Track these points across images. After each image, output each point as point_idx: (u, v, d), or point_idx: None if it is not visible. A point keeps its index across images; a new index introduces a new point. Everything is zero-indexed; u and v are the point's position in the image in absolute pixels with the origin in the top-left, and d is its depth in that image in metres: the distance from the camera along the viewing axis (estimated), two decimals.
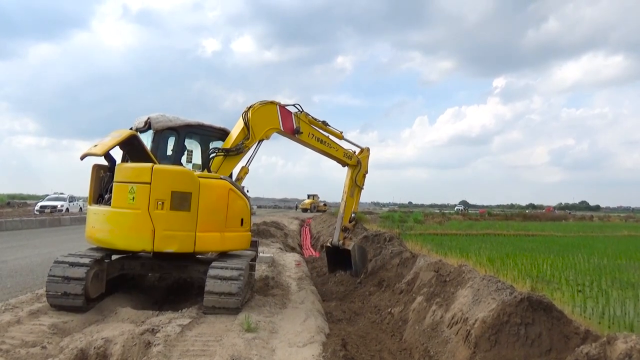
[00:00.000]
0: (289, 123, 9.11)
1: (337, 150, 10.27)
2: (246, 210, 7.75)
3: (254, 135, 8.38)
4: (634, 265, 15.43)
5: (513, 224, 45.16)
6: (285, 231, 24.41)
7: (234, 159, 8.24)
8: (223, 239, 7.41)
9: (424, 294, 7.49)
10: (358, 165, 10.88)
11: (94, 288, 6.88)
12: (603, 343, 3.81)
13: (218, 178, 7.53)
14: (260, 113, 8.57)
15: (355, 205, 11.43)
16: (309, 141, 9.53)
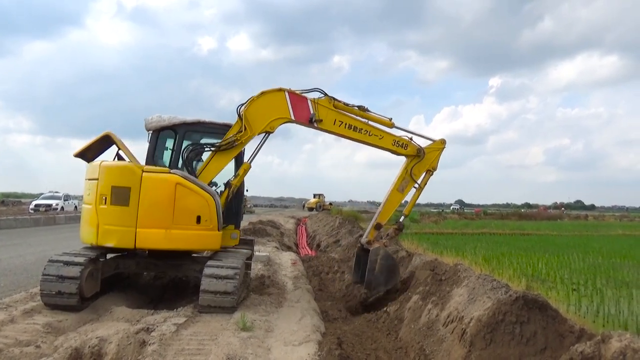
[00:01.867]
0: (303, 111, 7.93)
1: (382, 138, 8.45)
2: (206, 208, 7.11)
3: (250, 128, 7.68)
4: (628, 264, 15.51)
5: (509, 223, 45.31)
6: (282, 230, 24.40)
7: (225, 155, 7.76)
8: (169, 237, 6.96)
9: (419, 292, 7.50)
10: (420, 156, 8.65)
11: (88, 287, 6.82)
12: (598, 342, 3.82)
13: (166, 172, 7.14)
14: (261, 103, 7.79)
15: (409, 206, 9.40)
16: (337, 130, 8.16)
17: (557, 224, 48.61)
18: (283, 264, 12.51)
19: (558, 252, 18.38)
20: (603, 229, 39.55)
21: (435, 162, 8.83)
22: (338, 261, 13.95)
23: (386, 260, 8.41)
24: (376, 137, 8.39)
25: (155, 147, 7.72)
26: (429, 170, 8.78)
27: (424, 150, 8.65)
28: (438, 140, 8.95)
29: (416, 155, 8.62)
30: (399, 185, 8.68)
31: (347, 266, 12.80)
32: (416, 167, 8.66)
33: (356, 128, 8.25)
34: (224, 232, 7.77)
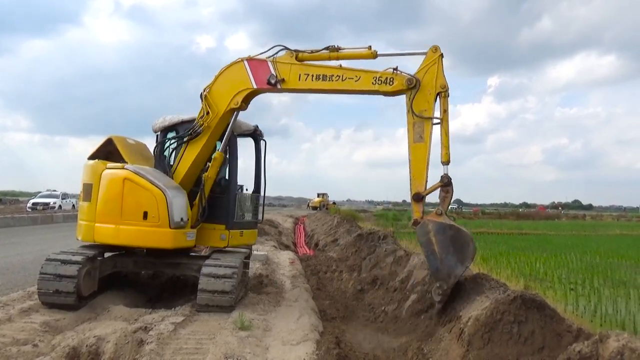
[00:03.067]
0: (264, 74, 7.04)
1: (359, 79, 6.84)
2: (153, 203, 6.81)
3: (215, 107, 7.19)
4: (625, 263, 15.56)
5: (507, 223, 45.44)
6: (280, 229, 24.41)
7: (196, 144, 7.38)
8: (117, 232, 6.95)
9: (417, 292, 7.50)
10: (415, 86, 6.54)
11: (86, 286, 6.81)
12: (595, 341, 3.83)
13: (120, 168, 7.12)
14: (222, 81, 7.28)
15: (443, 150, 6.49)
16: (304, 85, 7.01)
17: (554, 224, 48.72)
18: (281, 263, 12.51)
19: (556, 251, 18.42)
20: (601, 228, 39.65)
21: (439, 79, 6.54)
22: (336, 260, 13.96)
23: (444, 232, 6.17)
24: (351, 81, 6.86)
25: (162, 148, 7.84)
26: (439, 93, 6.52)
27: (415, 77, 6.54)
28: (429, 52, 6.68)
29: (409, 87, 6.55)
30: (413, 134, 6.48)
31: (345, 265, 12.82)
32: (416, 101, 6.51)
33: (325, 77, 6.93)
34: (212, 232, 7.65)
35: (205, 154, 7.54)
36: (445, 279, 6.09)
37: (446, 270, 6.09)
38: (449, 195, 6.44)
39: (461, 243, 6.15)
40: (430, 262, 6.30)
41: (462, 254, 6.07)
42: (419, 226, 6.34)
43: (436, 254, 6.16)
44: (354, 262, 12.76)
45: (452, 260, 6.07)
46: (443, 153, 6.41)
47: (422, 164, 6.47)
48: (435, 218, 6.28)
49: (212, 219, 7.60)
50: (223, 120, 7.33)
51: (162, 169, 7.55)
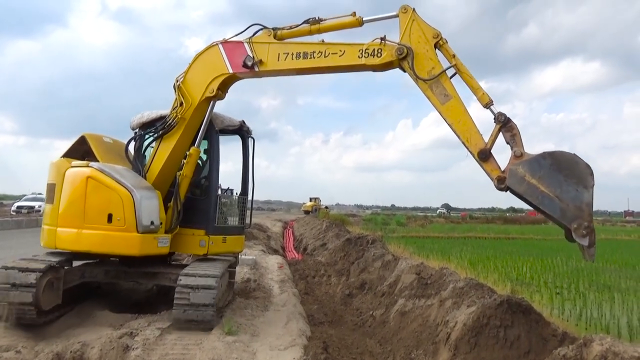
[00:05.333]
0: (239, 58, 6.50)
1: (344, 53, 6.18)
2: (119, 204, 6.19)
3: (189, 97, 6.67)
4: (610, 268, 15.78)
5: (494, 227, 45.79)
6: (268, 233, 24.32)
7: (171, 138, 6.81)
8: (79, 238, 6.27)
9: (405, 296, 7.53)
10: (407, 54, 5.82)
11: (47, 298, 5.93)
12: (580, 345, 3.88)
13: (85, 166, 6.50)
14: (196, 68, 6.77)
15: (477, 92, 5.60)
16: (285, 66, 6.40)
17: (541, 228, 49.17)
18: (269, 268, 12.45)
19: (542, 256, 18.60)
20: None
21: (427, 31, 5.84)
22: (325, 265, 13.94)
23: (540, 166, 5.03)
24: (335, 56, 6.21)
25: (140, 146, 7.20)
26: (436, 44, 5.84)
27: (406, 45, 5.82)
28: (399, 14, 6.04)
29: (400, 57, 5.85)
30: (437, 98, 5.67)
31: (333, 270, 12.81)
32: (418, 65, 5.77)
33: (307, 54, 6.30)
34: (190, 238, 6.99)
35: (180, 150, 6.88)
36: (578, 215, 4.81)
37: (572, 205, 4.87)
38: (517, 132, 5.29)
39: (568, 166, 4.98)
40: (548, 208, 4.98)
41: (577, 177, 4.90)
42: (509, 179, 5.13)
43: (549, 195, 4.97)
44: (342, 266, 12.76)
45: (571, 190, 4.89)
46: (480, 96, 5.48)
47: (465, 119, 5.55)
48: (517, 160, 5.16)
49: (190, 224, 6.98)
50: (198, 111, 6.74)
51: (139, 169, 6.96)
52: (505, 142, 5.32)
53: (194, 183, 7.08)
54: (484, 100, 5.45)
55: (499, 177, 5.23)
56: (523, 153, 5.15)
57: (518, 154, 5.17)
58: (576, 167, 4.92)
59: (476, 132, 5.46)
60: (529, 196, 5.05)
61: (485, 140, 5.41)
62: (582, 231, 4.75)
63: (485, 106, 5.45)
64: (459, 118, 5.54)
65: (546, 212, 5.05)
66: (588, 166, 4.87)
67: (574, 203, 4.84)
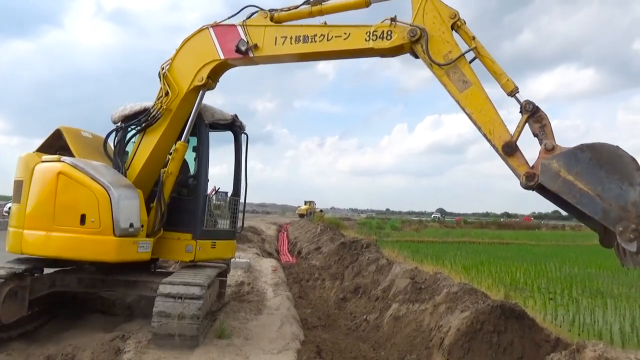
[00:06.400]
0: (232, 42, 5.91)
1: (349, 36, 5.53)
2: (94, 204, 5.52)
3: (175, 86, 6.12)
4: (603, 273, 15.83)
5: (488, 232, 46.00)
6: (263, 236, 24.26)
7: (155, 131, 6.24)
8: (48, 241, 5.57)
9: (399, 301, 7.53)
10: (421, 35, 5.14)
11: (9, 309, 5.27)
12: (572, 351, 3.89)
13: (56, 160, 5.83)
14: (184, 55, 6.23)
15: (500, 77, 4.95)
16: (283, 51, 5.81)
17: (535, 234, 49.40)
18: (263, 271, 12.41)
19: (536, 261, 18.67)
20: (579, 239, 40.31)
21: (443, 11, 5.18)
22: (319, 268, 13.92)
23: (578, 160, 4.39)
24: (339, 40, 5.58)
25: (122, 141, 6.55)
26: (452, 25, 5.16)
27: (419, 27, 5.14)
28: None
29: (413, 40, 5.17)
30: (455, 85, 5.03)
31: (328, 273, 12.79)
32: (433, 48, 5.12)
33: (307, 38, 5.68)
34: (175, 243, 6.36)
35: (165, 145, 6.32)
36: (623, 216, 4.15)
37: (616, 204, 4.20)
38: (547, 122, 4.69)
39: (610, 160, 4.34)
40: (588, 209, 4.29)
41: (620, 173, 4.23)
42: (542, 176, 4.47)
43: (588, 194, 4.31)
44: (336, 270, 12.75)
45: (614, 187, 4.23)
46: (504, 82, 4.86)
47: (487, 108, 4.90)
48: (550, 154, 4.51)
49: (175, 227, 6.35)
50: (186, 101, 6.17)
51: (119, 166, 6.32)
52: (532, 134, 4.69)
53: (180, 182, 6.55)
54: (508, 88, 4.82)
55: (527, 174, 4.56)
56: (555, 146, 4.50)
57: (549, 147, 4.52)
58: (620, 161, 4.25)
59: (500, 123, 4.82)
60: (565, 194, 4.36)
61: (510, 132, 4.77)
62: (629, 235, 4.09)
63: (510, 94, 4.84)
64: (480, 107, 4.90)
65: (584, 213, 4.35)
66: (634, 160, 4.21)
67: (618, 202, 4.17)
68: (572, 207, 4.41)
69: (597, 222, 4.34)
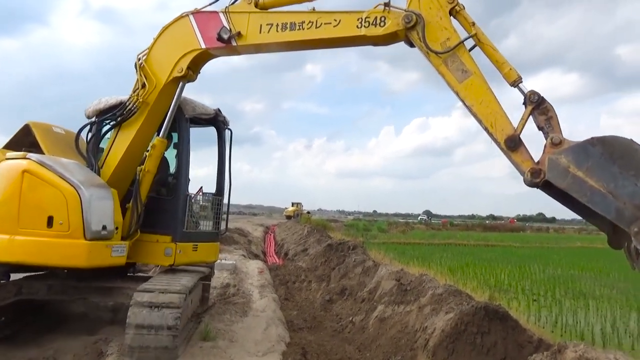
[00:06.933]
0: (214, 30, 5.53)
1: (339, 23, 5.14)
2: (62, 205, 5.14)
3: (153, 78, 5.76)
4: (585, 275, 16.10)
5: (474, 235, 46.41)
6: (249, 238, 24.18)
7: (131, 126, 5.87)
8: (11, 246, 5.09)
9: (385, 302, 7.56)
10: (416, 22, 4.77)
11: None
12: (554, 352, 3.95)
13: (22, 157, 5.43)
14: (162, 44, 5.86)
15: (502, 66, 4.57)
16: (268, 39, 5.42)
17: (519, 236, 49.98)
18: (250, 273, 12.36)
19: (520, 263, 18.90)
20: (563, 241, 40.97)
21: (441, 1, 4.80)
22: (305, 270, 13.91)
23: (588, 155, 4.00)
24: (329, 27, 5.18)
25: (96, 136, 6.11)
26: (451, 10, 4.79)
27: (415, 12, 4.79)
28: None
29: (408, 27, 4.81)
30: (453, 75, 4.68)
31: (314, 275, 12.79)
32: (430, 36, 4.75)
33: (294, 25, 5.30)
34: (154, 246, 6.00)
35: (142, 141, 5.97)
36: (639, 215, 3.80)
37: (631, 203, 3.85)
38: (553, 114, 4.35)
39: (623, 155, 3.97)
40: (600, 207, 3.93)
41: (635, 168, 3.90)
42: (549, 172, 4.11)
43: (599, 191, 3.96)
44: (323, 272, 12.75)
45: (629, 185, 3.90)
46: (506, 72, 4.51)
47: (488, 99, 4.57)
48: (557, 148, 4.14)
49: (154, 229, 6.00)
50: (164, 94, 5.80)
51: (93, 164, 5.92)
52: (537, 127, 4.34)
53: (159, 180, 6.21)
54: (511, 77, 4.49)
55: (533, 170, 4.20)
56: (562, 140, 4.13)
57: (556, 141, 4.15)
58: (634, 156, 3.91)
59: (503, 115, 4.49)
60: (575, 192, 3.99)
61: (514, 125, 4.43)
62: None
63: (512, 84, 4.51)
64: (481, 98, 4.57)
65: (594, 212, 4.00)
66: None
67: (633, 201, 3.82)
68: (580, 206, 4.03)
69: (606, 222, 4.02)
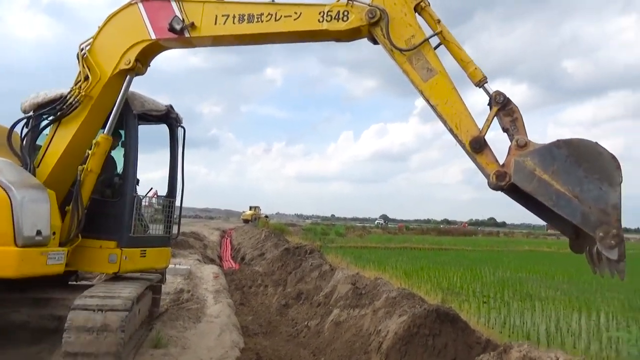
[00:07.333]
0: (165, 20, 5.14)
1: (300, 16, 4.88)
2: None
3: (97, 70, 5.34)
4: (532, 277, 16.81)
5: (429, 238, 47.56)
6: (205, 242, 23.76)
7: (72, 122, 5.43)
8: None
9: (340, 306, 7.61)
10: (381, 17, 4.57)
11: None
12: (500, 352, 4.09)
13: None
14: (107, 34, 5.46)
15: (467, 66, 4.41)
16: (223, 31, 5.10)
17: (472, 240, 51.60)
18: (204, 278, 12.14)
19: (472, 266, 19.48)
20: (512, 244, 42.61)
21: None
22: (262, 275, 13.81)
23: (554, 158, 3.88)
24: (289, 20, 4.92)
25: (33, 132, 5.70)
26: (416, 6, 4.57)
27: (379, 7, 4.57)
28: None
29: (372, 22, 4.59)
30: (418, 74, 4.50)
31: (270, 280, 12.71)
32: (394, 32, 4.54)
33: (252, 17, 4.98)
34: (97, 252, 5.57)
35: (84, 138, 5.47)
36: (603, 220, 3.71)
37: (596, 207, 3.76)
38: (518, 116, 4.22)
39: (588, 158, 3.86)
40: (566, 211, 3.81)
41: (600, 172, 3.78)
42: (515, 175, 3.96)
43: (565, 195, 3.84)
44: (279, 276, 12.70)
45: (593, 188, 3.80)
46: (471, 72, 4.35)
47: (453, 99, 4.40)
48: (523, 151, 4.01)
49: (97, 233, 5.58)
50: (110, 88, 5.39)
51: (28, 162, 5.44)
52: (502, 129, 4.23)
53: (104, 181, 5.83)
54: (476, 77, 4.35)
55: (498, 173, 4.06)
56: (528, 142, 4.02)
57: (522, 143, 4.03)
58: (599, 160, 3.80)
59: (467, 116, 4.34)
60: (541, 196, 3.87)
61: (472, 123, 4.30)
62: (609, 241, 3.63)
63: (477, 84, 4.37)
64: (446, 98, 4.40)
65: (557, 216, 3.88)
66: (614, 158, 3.78)
67: (598, 205, 3.74)
68: (544, 210, 3.94)
69: (569, 226, 3.95)
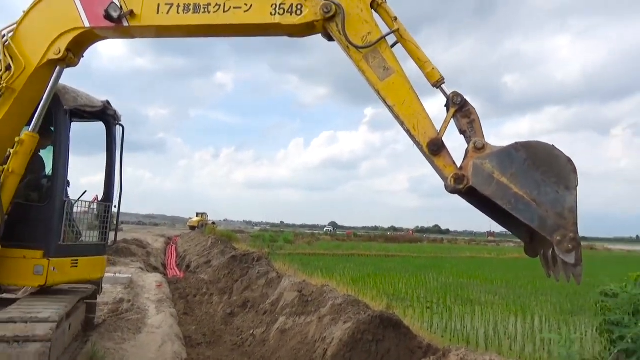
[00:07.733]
0: (101, 6, 4.59)
1: (250, 7, 4.54)
2: None
3: (22, 59, 4.78)
4: (473, 283, 17.44)
5: (376, 245, 48.36)
6: (149, 250, 22.99)
7: None
8: None
9: (286, 314, 7.57)
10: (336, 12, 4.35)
11: None
12: (440, 356, 4.22)
13: None
14: (34, 19, 4.90)
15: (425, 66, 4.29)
16: (167, 21, 4.63)
17: (417, 247, 52.96)
18: (147, 287, 11.73)
19: (417, 272, 19.96)
20: (455, 251, 44.08)
21: None
22: (207, 283, 13.51)
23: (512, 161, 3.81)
24: (239, 12, 4.56)
25: None
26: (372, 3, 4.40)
27: (334, 2, 4.35)
28: None
29: (327, 17, 4.37)
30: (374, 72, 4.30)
31: (216, 288, 12.47)
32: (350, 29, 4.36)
33: (198, 7, 4.57)
34: (20, 262, 5.06)
35: (5, 135, 4.93)
36: (560, 224, 3.66)
37: (552, 211, 3.72)
38: (476, 117, 4.13)
39: (546, 161, 3.82)
40: (524, 215, 3.74)
41: (556, 175, 3.76)
42: (474, 178, 3.84)
43: (523, 198, 3.78)
44: (225, 284, 12.47)
45: (550, 192, 3.76)
46: (428, 71, 4.23)
47: (411, 100, 4.25)
48: (480, 153, 3.92)
49: (21, 242, 5.07)
50: (36, 79, 4.85)
51: None
52: (459, 130, 4.12)
53: (29, 184, 5.37)
54: (434, 77, 4.22)
55: (456, 176, 3.94)
56: (485, 144, 3.93)
57: (479, 145, 3.94)
58: (556, 162, 3.78)
59: (425, 117, 4.20)
60: (499, 199, 3.78)
61: (429, 125, 4.17)
62: (567, 245, 3.58)
63: (435, 84, 4.24)
64: (403, 98, 4.25)
65: (514, 220, 3.80)
66: (570, 161, 3.76)
67: (555, 209, 3.71)
68: (500, 214, 3.89)
69: (524, 230, 3.91)
